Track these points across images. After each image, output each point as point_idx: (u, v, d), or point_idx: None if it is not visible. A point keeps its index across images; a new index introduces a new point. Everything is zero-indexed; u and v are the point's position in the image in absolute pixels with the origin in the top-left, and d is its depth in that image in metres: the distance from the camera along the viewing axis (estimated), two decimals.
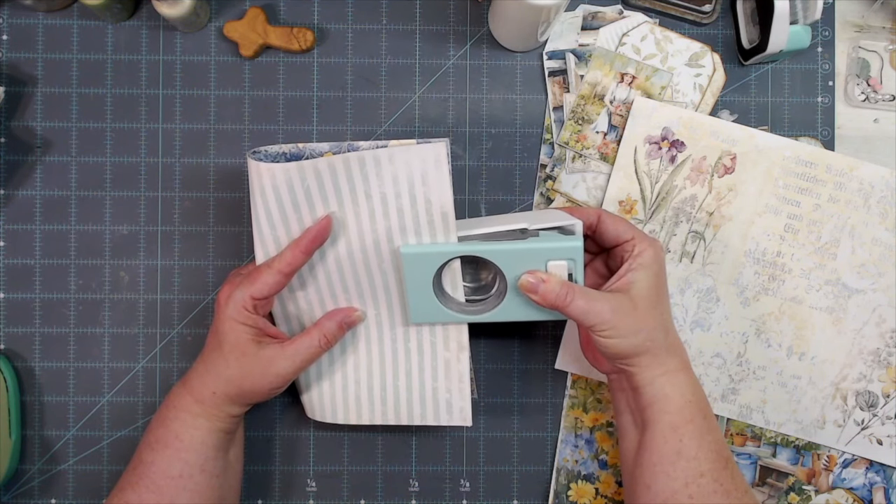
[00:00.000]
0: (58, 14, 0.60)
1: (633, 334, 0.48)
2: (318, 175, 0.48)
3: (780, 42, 0.56)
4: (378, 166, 0.48)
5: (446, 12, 0.61)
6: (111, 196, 0.59)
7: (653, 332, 0.48)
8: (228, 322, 0.49)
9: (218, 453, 0.51)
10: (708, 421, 0.49)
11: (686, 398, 0.48)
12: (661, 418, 0.48)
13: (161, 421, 0.50)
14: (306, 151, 0.50)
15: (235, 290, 0.49)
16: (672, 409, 0.48)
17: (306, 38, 0.59)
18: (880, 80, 0.61)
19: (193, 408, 0.50)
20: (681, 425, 0.48)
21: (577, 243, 0.49)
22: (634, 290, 0.48)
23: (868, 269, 0.59)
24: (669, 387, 0.48)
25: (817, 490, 0.59)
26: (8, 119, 0.59)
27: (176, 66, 0.60)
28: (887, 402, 0.59)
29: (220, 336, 0.49)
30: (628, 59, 0.60)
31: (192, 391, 0.50)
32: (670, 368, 0.49)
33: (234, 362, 0.49)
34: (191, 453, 0.49)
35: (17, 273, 0.59)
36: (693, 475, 0.47)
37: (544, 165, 0.60)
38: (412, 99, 0.61)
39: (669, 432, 0.48)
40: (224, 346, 0.49)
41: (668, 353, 0.49)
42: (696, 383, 0.50)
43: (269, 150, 0.51)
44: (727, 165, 0.59)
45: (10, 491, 0.58)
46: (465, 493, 0.60)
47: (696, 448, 0.47)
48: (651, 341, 0.48)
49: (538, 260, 0.49)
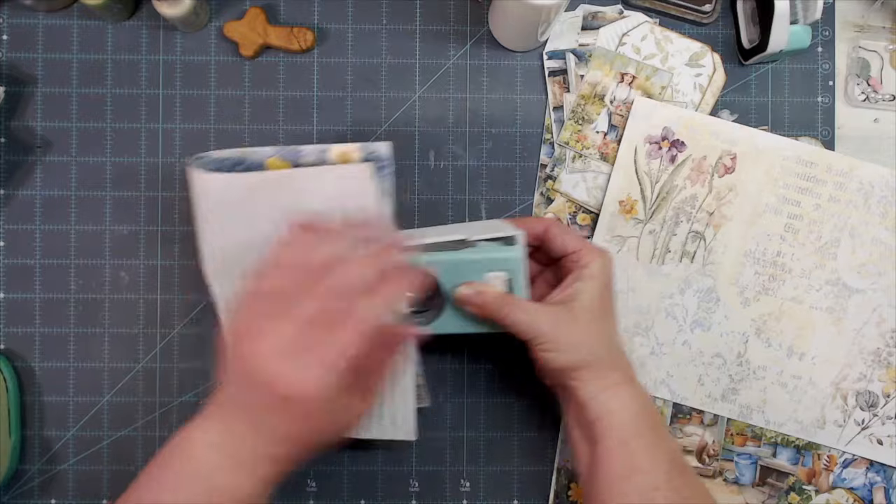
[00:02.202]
0: (58, 14, 0.60)
1: (572, 348, 0.47)
2: (252, 190, 0.48)
3: (780, 42, 0.56)
4: (308, 183, 0.48)
5: (446, 12, 0.61)
6: (111, 196, 0.59)
7: (593, 346, 0.48)
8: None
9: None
10: (657, 432, 0.48)
11: (633, 412, 0.47)
12: (610, 434, 0.47)
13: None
14: (250, 156, 0.50)
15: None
16: (619, 425, 0.47)
17: (306, 38, 0.59)
18: (880, 80, 0.61)
19: (233, 464, 0.41)
20: (630, 440, 0.47)
21: (515, 254, 0.48)
22: (577, 303, 0.48)
23: (868, 269, 0.59)
24: (614, 401, 0.47)
25: (818, 490, 0.59)
26: (8, 119, 0.59)
27: (176, 66, 0.60)
28: (887, 401, 0.59)
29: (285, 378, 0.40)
30: (628, 59, 0.60)
31: (239, 440, 0.41)
32: (613, 383, 0.48)
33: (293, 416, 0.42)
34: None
35: (17, 273, 0.59)
36: (647, 489, 0.46)
37: (544, 165, 0.60)
38: (412, 99, 0.61)
39: (619, 448, 0.47)
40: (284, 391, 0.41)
41: (611, 367, 0.48)
42: (643, 395, 0.49)
43: (213, 156, 0.50)
44: (727, 165, 0.59)
45: (10, 491, 0.58)
46: (465, 493, 0.60)
47: (648, 462, 0.46)
48: (591, 356, 0.47)
49: (476, 271, 0.48)
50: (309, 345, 0.39)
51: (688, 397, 0.59)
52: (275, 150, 0.50)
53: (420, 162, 0.60)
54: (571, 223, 0.60)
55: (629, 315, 0.59)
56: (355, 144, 0.49)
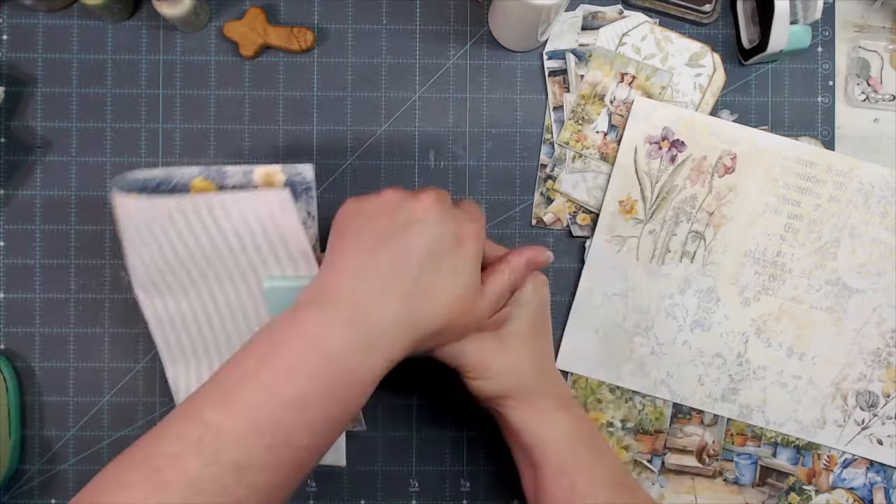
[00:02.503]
0: (58, 14, 0.60)
1: (499, 376, 0.46)
2: (171, 217, 0.48)
3: (780, 42, 0.56)
4: (225, 209, 0.47)
5: (446, 12, 0.61)
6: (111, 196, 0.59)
7: (521, 373, 0.47)
8: (475, 258, 0.43)
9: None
10: (595, 452, 0.48)
11: (568, 437, 0.47)
12: (548, 459, 0.47)
13: (339, 400, 0.39)
14: (175, 177, 0.49)
15: (483, 226, 0.44)
16: (556, 450, 0.47)
17: (306, 38, 0.59)
18: (880, 80, 0.61)
19: (382, 372, 0.40)
20: (568, 464, 0.47)
21: None
22: (507, 329, 0.47)
23: (868, 269, 0.59)
24: (547, 427, 0.47)
25: (818, 490, 0.59)
26: (8, 119, 0.59)
27: (176, 66, 0.60)
28: (887, 401, 0.59)
29: (460, 262, 0.42)
30: (628, 59, 0.60)
31: (393, 345, 0.40)
32: (544, 409, 0.48)
33: (467, 293, 0.42)
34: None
35: (17, 273, 0.59)
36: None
37: (544, 165, 0.60)
38: (412, 99, 0.61)
39: (559, 474, 0.47)
40: (461, 274, 0.42)
41: (540, 394, 0.48)
42: (578, 418, 0.49)
43: (138, 176, 0.49)
44: (727, 165, 0.59)
45: (10, 491, 0.58)
46: (465, 493, 0.60)
47: (586, 485, 0.46)
48: (519, 384, 0.47)
49: None
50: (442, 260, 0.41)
51: (688, 397, 0.59)
52: (200, 169, 0.49)
53: (420, 162, 0.60)
54: (572, 223, 0.60)
55: (629, 315, 0.59)
56: (278, 166, 0.48)
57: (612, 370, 0.59)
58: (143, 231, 0.49)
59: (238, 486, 0.36)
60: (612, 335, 0.59)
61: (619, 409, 0.59)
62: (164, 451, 0.36)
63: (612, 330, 0.59)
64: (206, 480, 0.35)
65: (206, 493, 0.35)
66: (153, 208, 0.48)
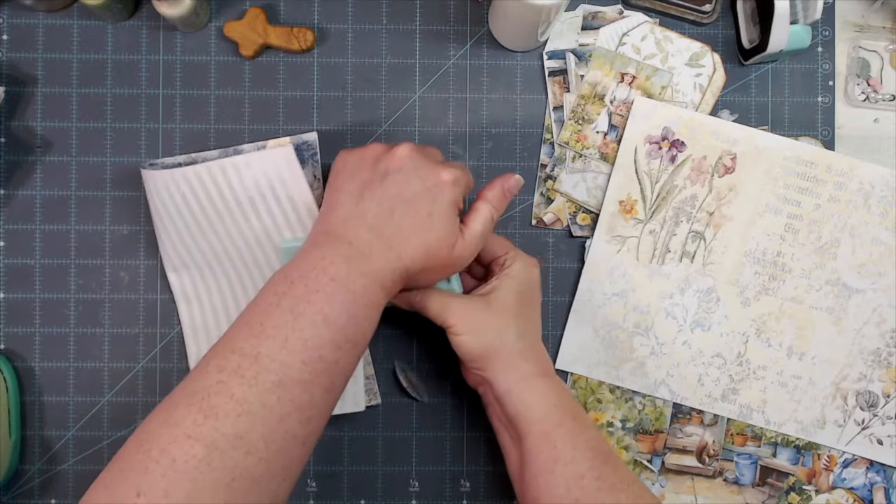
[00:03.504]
0: (58, 14, 0.60)
1: (483, 331, 0.49)
2: (189, 183, 0.53)
3: (780, 42, 0.56)
4: (238, 172, 0.53)
5: (446, 12, 0.61)
6: (111, 196, 0.59)
7: (503, 332, 0.49)
8: (450, 203, 0.46)
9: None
10: (578, 421, 0.49)
11: (551, 402, 0.48)
12: (531, 428, 0.48)
13: (352, 318, 0.43)
14: (197, 161, 0.54)
15: (460, 175, 0.47)
16: (539, 417, 0.48)
17: (306, 38, 0.59)
18: (880, 80, 0.61)
19: (381, 299, 0.45)
20: (551, 430, 0.48)
21: None
22: (493, 295, 0.50)
23: (868, 269, 0.59)
24: (530, 393, 0.48)
25: (818, 490, 0.59)
26: (8, 119, 0.59)
27: (176, 66, 0.60)
28: (887, 401, 0.59)
29: (434, 206, 0.46)
30: (628, 59, 0.60)
31: (384, 275, 0.44)
32: (528, 373, 0.49)
33: (442, 234, 0.46)
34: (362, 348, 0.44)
35: (17, 273, 0.59)
36: (573, 478, 0.46)
37: (544, 165, 0.60)
38: (412, 99, 0.61)
39: (542, 440, 0.47)
40: (434, 216, 0.46)
41: (524, 357, 0.49)
42: (560, 386, 0.50)
43: (166, 162, 0.55)
44: (727, 165, 0.59)
45: (10, 491, 0.58)
46: (465, 493, 0.60)
47: (570, 450, 0.47)
48: (503, 341, 0.49)
49: None
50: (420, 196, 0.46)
51: (688, 397, 0.59)
52: (219, 152, 0.54)
53: None
54: (572, 223, 0.60)
55: (629, 315, 0.59)
56: (286, 138, 0.54)
57: (612, 370, 0.59)
58: (168, 201, 0.54)
59: (280, 403, 0.39)
60: (612, 335, 0.59)
61: (619, 409, 0.59)
62: (206, 383, 0.39)
63: (612, 330, 0.59)
64: (251, 401, 0.38)
65: (252, 413, 0.38)
66: (174, 177, 0.53)
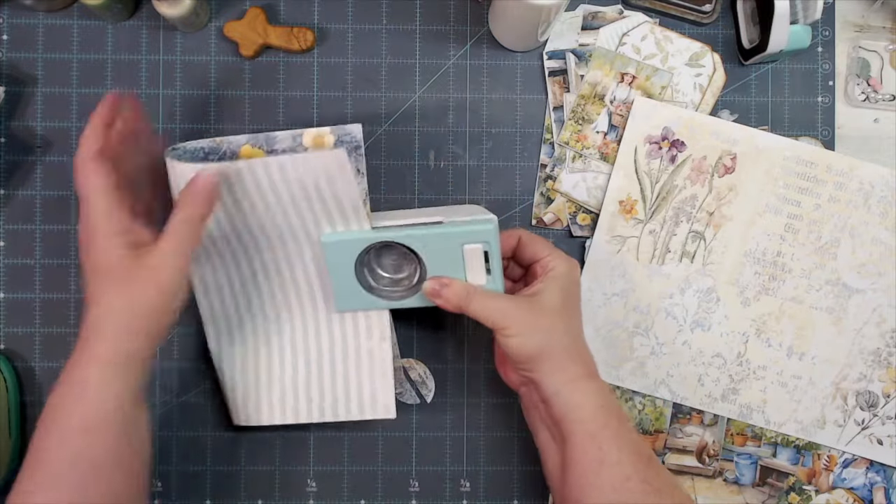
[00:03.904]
0: (58, 14, 0.60)
1: (534, 332, 0.48)
2: (227, 179, 0.48)
3: (780, 42, 0.56)
4: (283, 172, 0.48)
5: (446, 12, 0.61)
6: None
7: (555, 333, 0.48)
8: (96, 240, 0.45)
9: (130, 427, 0.46)
10: (623, 423, 0.48)
11: (598, 403, 0.48)
12: (577, 428, 0.47)
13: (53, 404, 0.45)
14: (224, 146, 0.52)
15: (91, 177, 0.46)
16: (586, 417, 0.47)
17: (306, 38, 0.59)
18: (880, 80, 0.61)
19: (93, 362, 0.45)
20: (597, 432, 0.47)
21: (489, 226, 0.49)
22: (541, 297, 0.49)
23: (868, 269, 0.59)
24: (579, 394, 0.48)
25: (818, 490, 0.59)
26: (8, 119, 0.59)
27: (176, 66, 0.60)
28: (887, 402, 0.59)
29: (88, 261, 0.45)
30: (628, 59, 0.60)
31: (87, 345, 0.45)
32: (576, 375, 0.48)
33: (108, 283, 0.45)
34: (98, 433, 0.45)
35: (17, 273, 0.59)
36: (619, 480, 0.46)
37: (544, 165, 0.60)
38: (412, 99, 0.61)
39: (588, 441, 0.47)
40: (94, 272, 0.45)
41: (572, 359, 0.49)
42: (606, 389, 0.49)
43: (188, 146, 0.52)
44: (727, 165, 0.59)
45: (10, 491, 0.58)
46: (465, 493, 0.60)
47: (616, 452, 0.46)
48: (554, 343, 0.48)
49: (454, 244, 0.50)
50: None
51: (688, 397, 0.59)
52: (248, 137, 0.52)
53: (420, 162, 0.60)
54: (572, 223, 0.60)
55: (629, 315, 0.59)
56: (327, 128, 0.51)
57: (613, 370, 0.59)
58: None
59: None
60: (612, 335, 0.59)
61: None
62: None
63: (612, 330, 0.59)
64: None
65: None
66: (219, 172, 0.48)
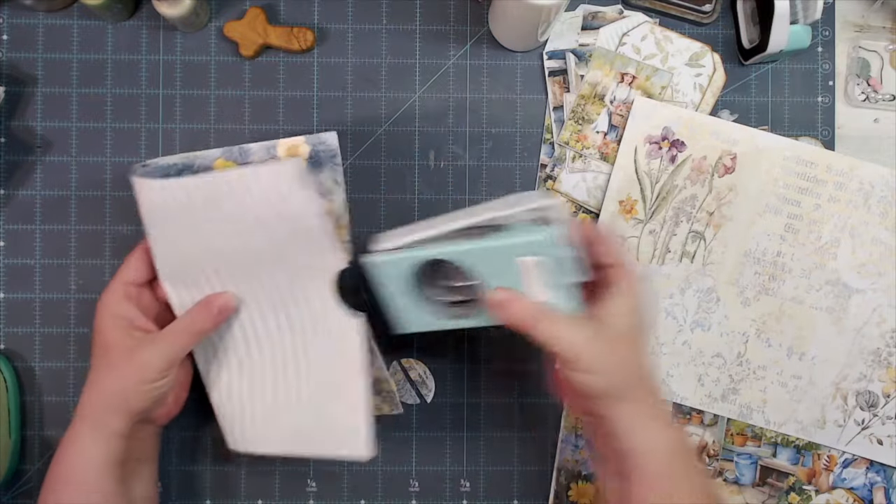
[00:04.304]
0: (58, 14, 0.60)
1: (608, 372, 0.43)
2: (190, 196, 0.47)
3: (780, 42, 0.56)
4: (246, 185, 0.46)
5: (446, 12, 0.61)
6: (111, 196, 0.59)
7: (627, 366, 0.44)
8: (101, 317, 0.49)
9: (112, 485, 0.47)
10: (692, 463, 0.46)
11: (668, 447, 0.44)
12: (645, 469, 0.44)
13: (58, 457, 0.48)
14: (197, 161, 0.50)
15: (111, 282, 0.50)
16: (654, 459, 0.44)
17: (306, 38, 0.59)
18: (880, 80, 0.61)
19: (80, 429, 0.48)
20: (666, 473, 0.44)
21: (545, 235, 0.42)
22: (610, 321, 0.44)
23: (868, 269, 0.59)
24: (649, 434, 0.44)
25: (818, 490, 0.59)
26: (8, 119, 0.59)
27: (176, 66, 0.60)
28: (887, 402, 0.59)
29: (95, 336, 0.50)
30: (628, 59, 0.60)
31: (78, 411, 0.48)
32: (645, 415, 0.45)
33: (104, 361, 0.49)
34: (80, 487, 0.46)
35: (17, 273, 0.59)
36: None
37: (544, 165, 0.60)
38: (412, 99, 0.61)
39: (656, 480, 0.44)
40: (96, 347, 0.49)
41: (643, 399, 0.45)
42: (677, 429, 0.47)
43: (160, 163, 0.50)
44: (727, 165, 0.59)
45: (10, 491, 0.58)
46: (465, 493, 0.60)
47: (687, 494, 0.44)
48: (626, 384, 0.44)
49: (506, 258, 0.43)
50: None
51: (688, 397, 0.59)
52: (221, 151, 0.49)
53: (420, 162, 0.60)
54: None
55: None
56: (302, 137, 0.49)
57: None
58: (167, 215, 0.48)
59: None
60: None
61: None
62: None
63: None
64: None
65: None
66: (174, 189, 0.47)
